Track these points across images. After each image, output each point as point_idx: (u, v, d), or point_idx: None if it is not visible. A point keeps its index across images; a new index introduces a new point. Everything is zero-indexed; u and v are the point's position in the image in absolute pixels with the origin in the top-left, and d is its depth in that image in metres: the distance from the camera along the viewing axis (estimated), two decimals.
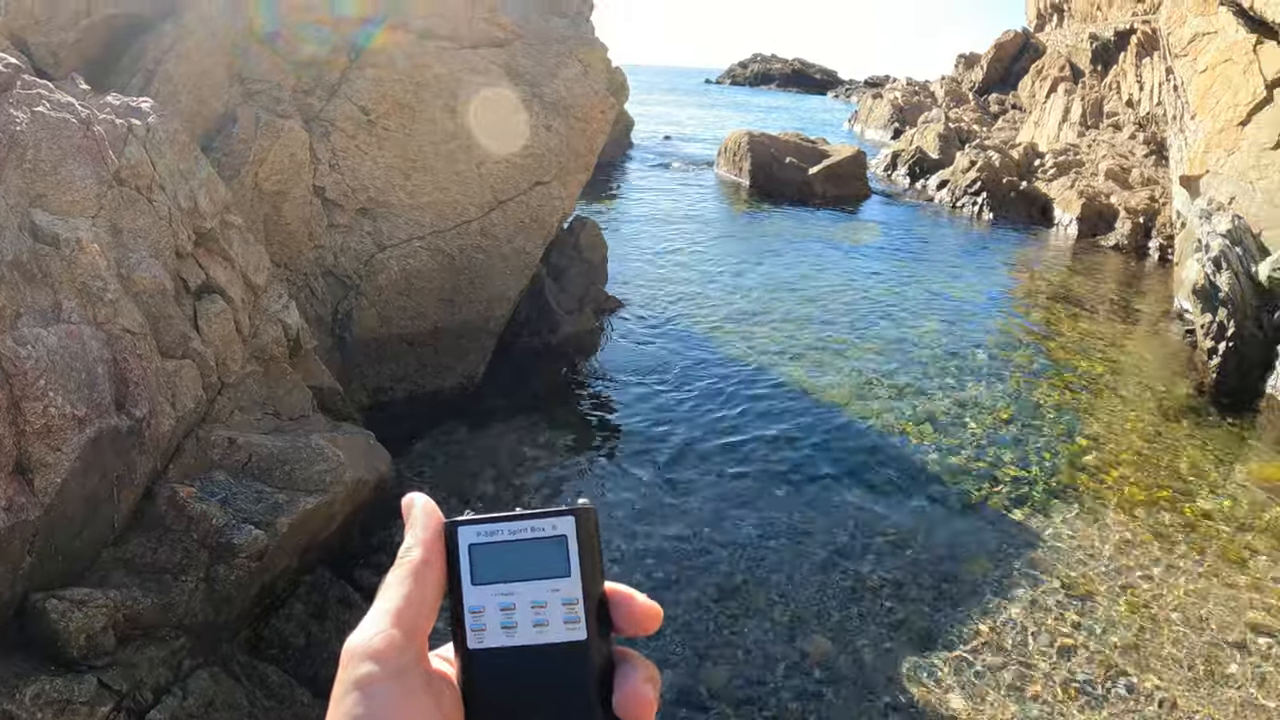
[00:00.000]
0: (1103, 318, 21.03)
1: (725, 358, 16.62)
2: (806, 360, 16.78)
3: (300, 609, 8.12)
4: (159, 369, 7.66)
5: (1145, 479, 12.90)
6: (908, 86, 74.49)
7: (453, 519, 1.20)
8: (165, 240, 8.37)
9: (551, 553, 1.17)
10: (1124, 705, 8.55)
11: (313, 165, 11.97)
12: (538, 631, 1.14)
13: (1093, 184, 32.77)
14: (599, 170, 22.02)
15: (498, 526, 1.18)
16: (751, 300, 20.44)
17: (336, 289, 12.33)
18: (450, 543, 1.18)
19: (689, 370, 15.88)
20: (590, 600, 1.15)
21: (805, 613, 9.62)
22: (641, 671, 1.14)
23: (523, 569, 1.17)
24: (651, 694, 1.13)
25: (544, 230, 14.21)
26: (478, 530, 1.18)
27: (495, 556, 1.17)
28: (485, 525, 1.18)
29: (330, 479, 8.28)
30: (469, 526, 1.18)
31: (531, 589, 1.16)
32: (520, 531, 1.18)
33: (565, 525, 1.18)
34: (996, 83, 67.22)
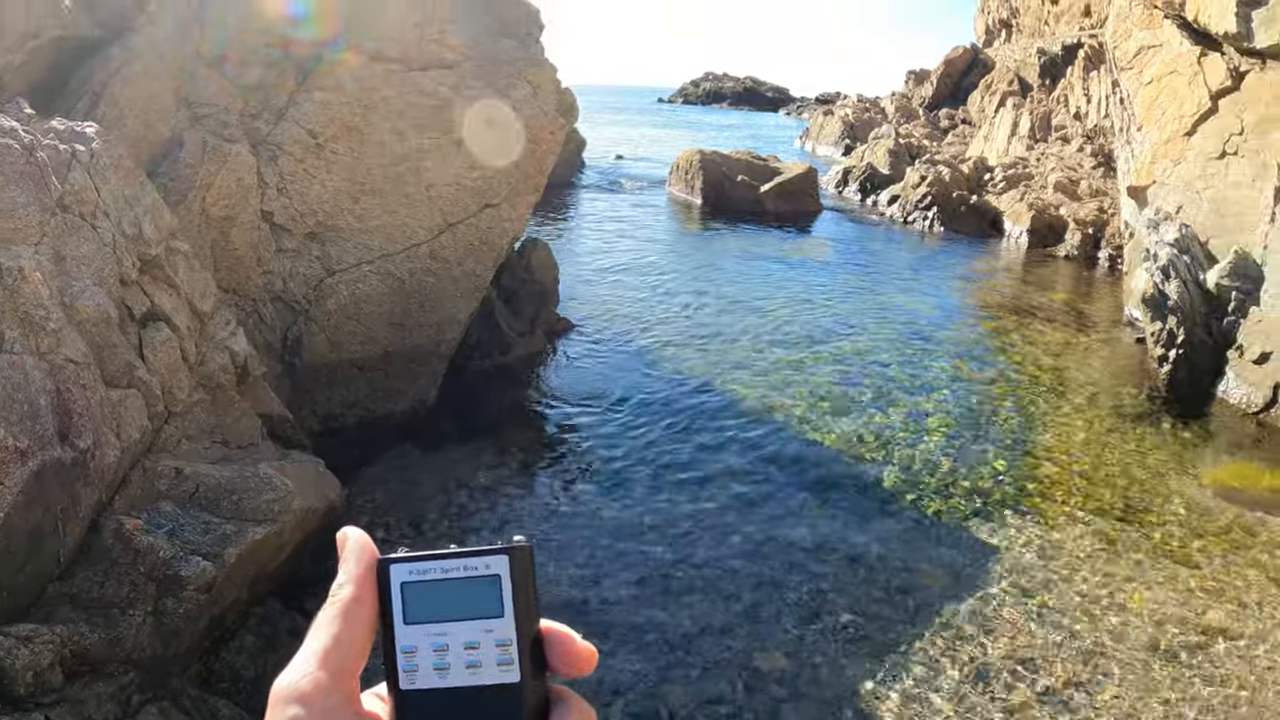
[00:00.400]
0: (1055, 327, 21.19)
1: (677, 377, 16.61)
2: (759, 378, 16.79)
3: (251, 641, 8.03)
4: (104, 399, 7.56)
5: (1099, 487, 12.98)
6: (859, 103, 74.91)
7: (386, 556, 1.16)
8: (109, 268, 8.28)
9: (485, 592, 1.14)
10: (1084, 713, 8.57)
11: (260, 190, 11.89)
12: (471, 673, 1.11)
13: (1042, 196, 33.07)
14: (551, 191, 22.02)
15: (430, 565, 1.15)
16: (704, 318, 20.44)
17: (285, 314, 12.23)
18: (382, 581, 1.14)
19: (641, 390, 15.86)
20: (524, 641, 1.13)
21: (763, 630, 9.60)
22: (577, 712, 1.12)
23: (456, 609, 1.14)
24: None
25: (494, 252, 14.16)
26: (410, 568, 1.14)
27: (428, 595, 1.14)
28: (418, 563, 1.15)
29: (278, 508, 8.20)
30: (401, 564, 1.15)
31: (464, 629, 1.13)
32: (453, 570, 1.14)
33: (499, 564, 1.14)
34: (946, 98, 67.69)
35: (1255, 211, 17.14)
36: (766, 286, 23.92)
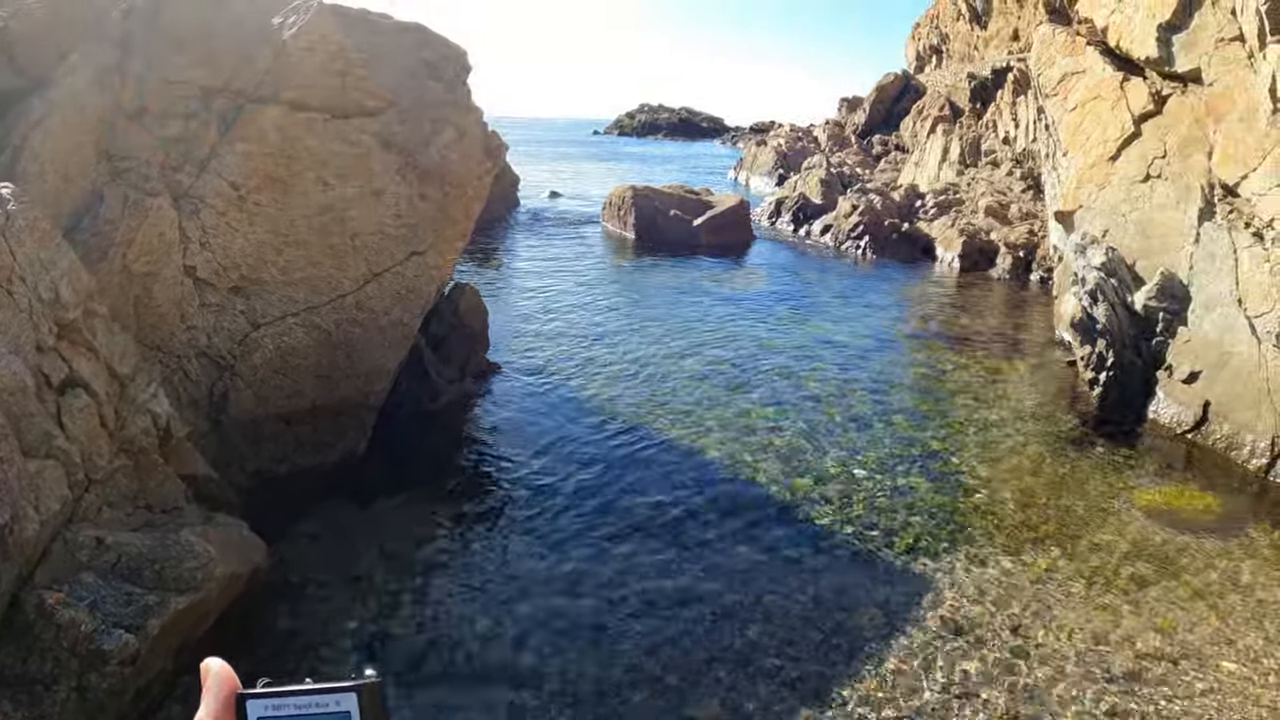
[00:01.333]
0: (987, 353, 21.43)
1: (609, 419, 16.58)
2: (690, 417, 16.79)
3: (178, 711, 7.92)
4: (21, 470, 7.45)
5: (1034, 513, 13.09)
6: (791, 133, 75.41)
7: (243, 691, 1.21)
8: (25, 334, 8.17)
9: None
10: None
11: (183, 244, 11.78)
12: None
13: (973, 221, 33.48)
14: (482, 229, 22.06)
15: (285, 700, 1.19)
16: (635, 356, 20.46)
17: (211, 370, 12.12)
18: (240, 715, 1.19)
19: (572, 434, 15.82)
20: None
21: (695, 677, 9.56)
22: None
23: None
24: None
25: (421, 300, 14.11)
26: (265, 704, 1.18)
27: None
28: (273, 699, 1.19)
29: (201, 576, 8.12)
30: (258, 700, 1.19)
31: None
32: (306, 707, 1.18)
33: (349, 702, 1.18)
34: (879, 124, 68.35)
35: (1180, 233, 17.40)
36: (698, 321, 24.00)
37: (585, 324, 23.28)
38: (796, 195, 42.26)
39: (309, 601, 10.42)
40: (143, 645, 7.24)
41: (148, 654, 7.36)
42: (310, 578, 10.92)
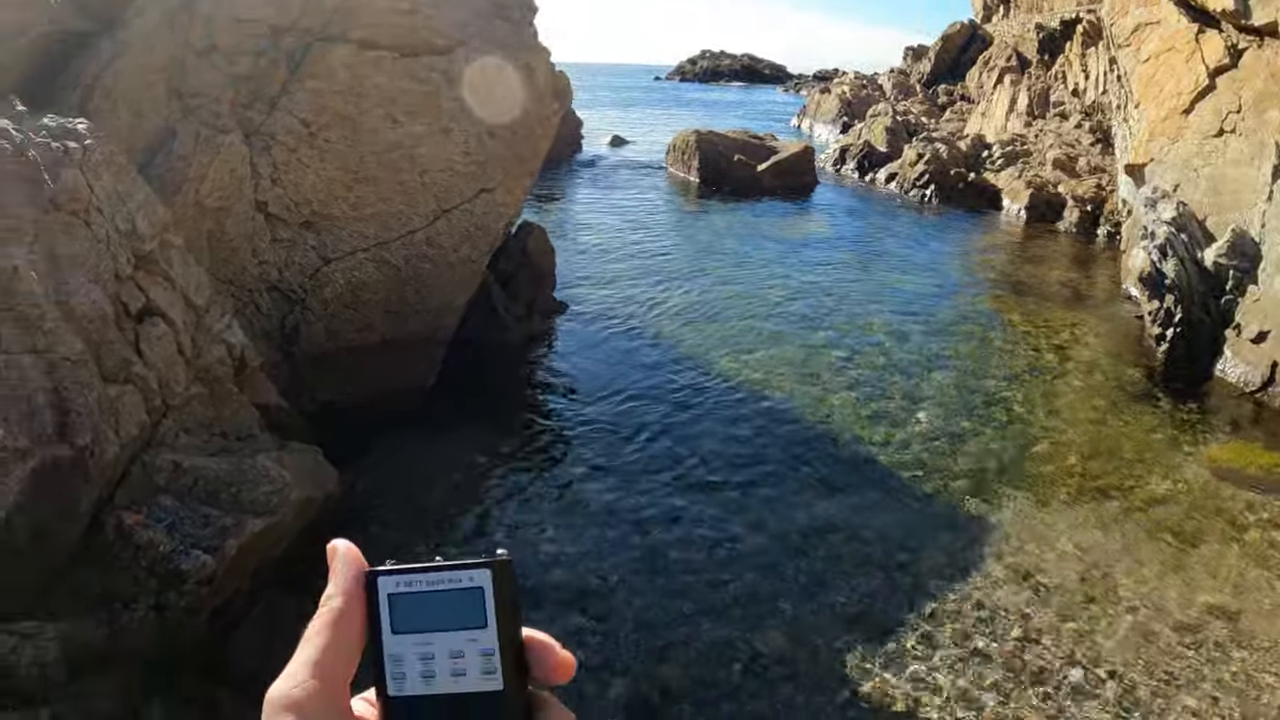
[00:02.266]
0: (1053, 304, 21.15)
1: (675, 358, 16.61)
2: (755, 358, 16.78)
3: (254, 631, 8.05)
4: (101, 395, 7.58)
5: (1097, 465, 12.98)
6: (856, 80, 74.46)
7: (373, 569, 1.18)
8: (104, 264, 8.28)
9: (468, 604, 1.16)
10: (1081, 691, 8.59)
11: (254, 180, 11.87)
12: (455, 681, 1.14)
13: (1040, 173, 32.96)
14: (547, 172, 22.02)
15: (416, 577, 1.17)
16: (700, 298, 20.43)
17: (282, 304, 12.24)
18: (371, 592, 1.17)
19: (638, 372, 15.88)
20: (507, 650, 1.15)
21: (760, 610, 9.62)
22: (560, 716, 1.14)
23: (441, 619, 1.16)
24: None
25: (489, 237, 14.15)
26: (397, 580, 1.17)
27: (414, 606, 1.17)
28: (404, 575, 1.17)
29: (277, 500, 8.23)
30: (389, 576, 1.17)
31: (449, 639, 1.15)
32: (438, 583, 1.17)
33: (481, 578, 1.17)
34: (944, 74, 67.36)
35: (1253, 190, 17.03)
36: (763, 265, 23.87)
37: (650, 265, 23.25)
38: (861, 143, 41.83)
39: (377, 529, 10.54)
40: (219, 566, 7.36)
41: (224, 575, 7.48)
42: (378, 506, 11.04)
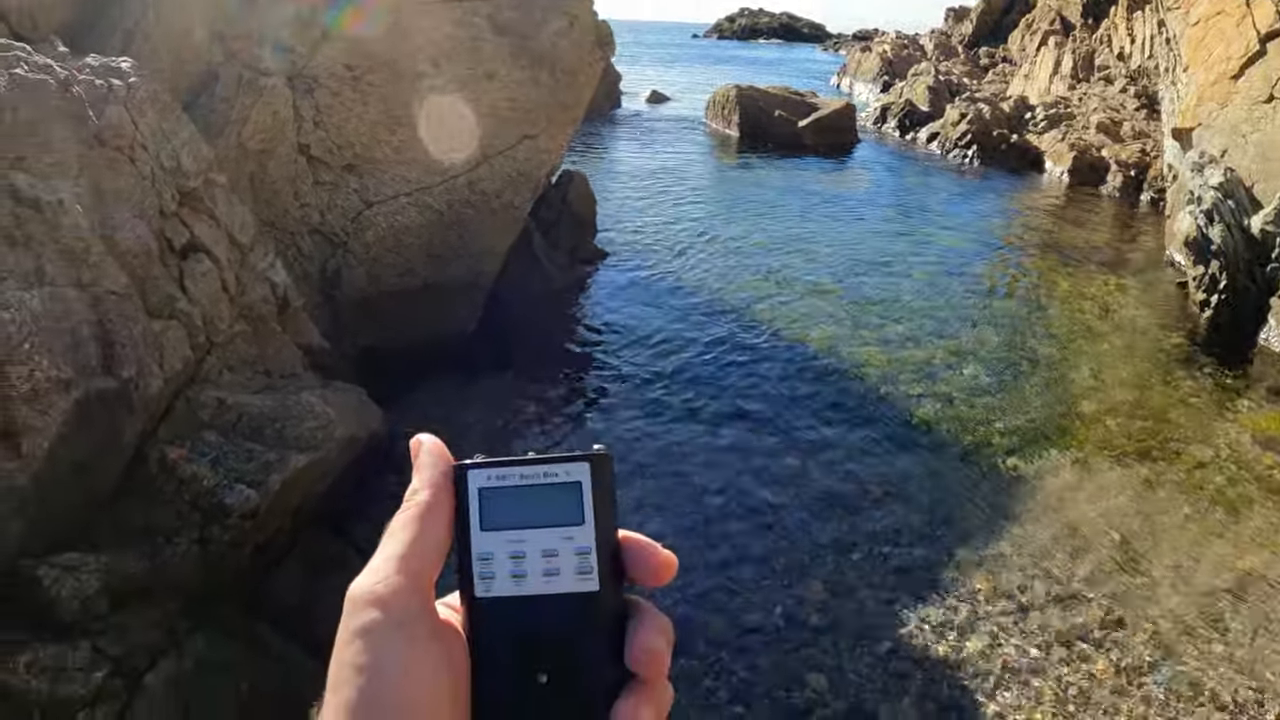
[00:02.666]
0: (1095, 267, 20.90)
1: (715, 308, 16.54)
2: (797, 310, 16.70)
3: (295, 568, 8.07)
4: (146, 330, 7.57)
5: (1139, 428, 12.86)
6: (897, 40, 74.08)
7: (462, 461, 1.12)
8: (149, 200, 8.27)
9: (565, 499, 1.10)
10: (1119, 653, 8.54)
11: (297, 123, 11.84)
12: (548, 581, 1.08)
13: (1084, 136, 32.63)
14: (586, 125, 21.90)
15: (510, 470, 1.11)
16: (741, 251, 20.32)
17: (324, 247, 12.22)
18: (459, 486, 1.11)
19: (679, 321, 15.82)
20: (604, 550, 1.09)
21: (802, 559, 9.60)
22: (654, 623, 1.08)
23: (535, 515, 1.10)
24: (664, 647, 1.07)
25: (532, 183, 14.10)
26: (488, 474, 1.11)
27: (506, 502, 1.11)
28: (496, 469, 1.11)
29: (322, 436, 8.22)
30: (479, 470, 1.11)
31: (543, 537, 1.09)
32: (533, 477, 1.11)
33: (580, 471, 1.11)
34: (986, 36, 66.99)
35: None
36: (805, 219, 23.73)
37: (690, 217, 23.12)
38: (903, 101, 41.56)
39: None
40: (263, 501, 7.36)
41: (268, 510, 7.47)
42: None
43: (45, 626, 6.01)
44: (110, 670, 5.98)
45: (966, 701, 7.98)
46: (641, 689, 1.05)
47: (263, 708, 6.79)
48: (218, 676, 6.62)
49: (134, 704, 6.01)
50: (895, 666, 8.33)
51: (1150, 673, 8.35)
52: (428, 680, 1.01)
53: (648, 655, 1.05)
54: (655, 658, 1.05)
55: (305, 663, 7.34)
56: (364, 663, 0.98)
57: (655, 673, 1.06)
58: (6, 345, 6.11)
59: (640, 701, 1.04)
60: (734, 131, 35.44)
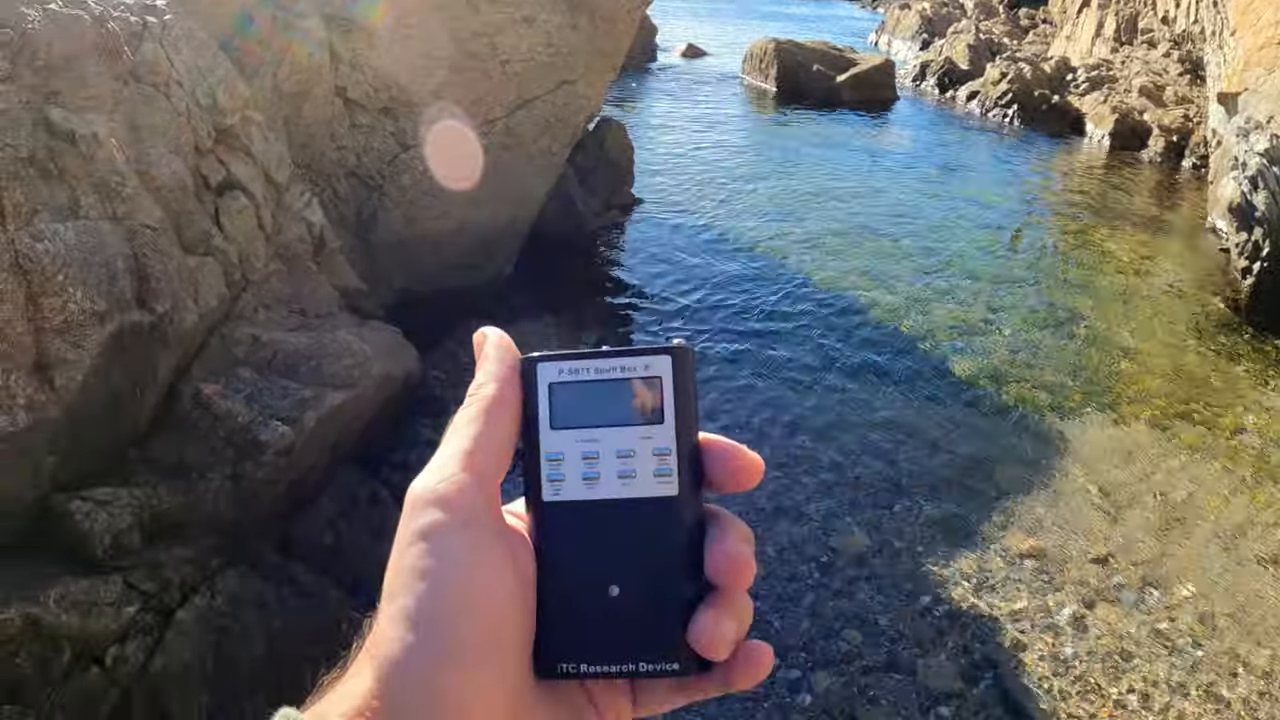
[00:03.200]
0: (1136, 231, 20.60)
1: (751, 259, 16.43)
2: (834, 262, 16.57)
3: (329, 507, 8.04)
4: (181, 265, 7.53)
5: (1179, 391, 12.73)
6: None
7: (532, 355, 1.05)
8: (184, 136, 8.22)
9: (644, 396, 1.02)
10: (1156, 614, 8.51)
11: (333, 65, 11.74)
12: (623, 484, 1.00)
13: (1126, 100, 32.25)
14: (622, 77, 21.76)
15: (583, 364, 1.03)
16: (776, 202, 20.13)
17: (360, 190, 12.15)
18: (528, 381, 1.03)
19: (714, 270, 15.72)
20: (685, 451, 1.00)
21: (839, 510, 9.57)
22: (736, 531, 1.00)
23: (610, 413, 1.02)
24: (748, 555, 0.98)
25: (570, 130, 14.01)
26: (560, 367, 1.03)
27: (579, 398, 1.02)
28: (569, 362, 1.03)
29: (358, 374, 8.19)
30: (550, 363, 1.03)
31: (619, 436, 1.01)
32: (609, 371, 1.03)
33: (661, 365, 1.02)
34: None
35: None
36: (840, 173, 23.48)
37: (727, 168, 22.86)
38: (943, 59, 41.15)
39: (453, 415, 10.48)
40: (298, 437, 7.32)
41: (302, 447, 7.43)
42: (454, 394, 10.98)
43: (77, 561, 6.00)
44: (141, 605, 5.98)
45: (1002, 658, 7.95)
46: (722, 600, 0.97)
47: (294, 644, 6.77)
48: (250, 613, 6.61)
49: (165, 639, 6.02)
50: (932, 620, 8.30)
51: (1186, 636, 8.29)
52: (494, 585, 0.93)
53: (730, 564, 0.97)
54: (738, 566, 0.97)
55: (339, 601, 7.32)
56: (427, 566, 0.91)
57: (737, 583, 0.98)
58: (40, 277, 6.07)
59: (721, 614, 0.96)
60: (771, 86, 35.13)
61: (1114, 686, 7.73)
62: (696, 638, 0.95)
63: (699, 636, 0.95)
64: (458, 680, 0.87)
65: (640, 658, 0.98)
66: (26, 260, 6.00)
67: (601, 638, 0.98)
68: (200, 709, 6.02)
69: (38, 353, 6.07)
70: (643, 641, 0.98)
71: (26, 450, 5.90)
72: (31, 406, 5.88)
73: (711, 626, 0.95)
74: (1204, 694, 7.71)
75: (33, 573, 5.74)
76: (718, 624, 0.95)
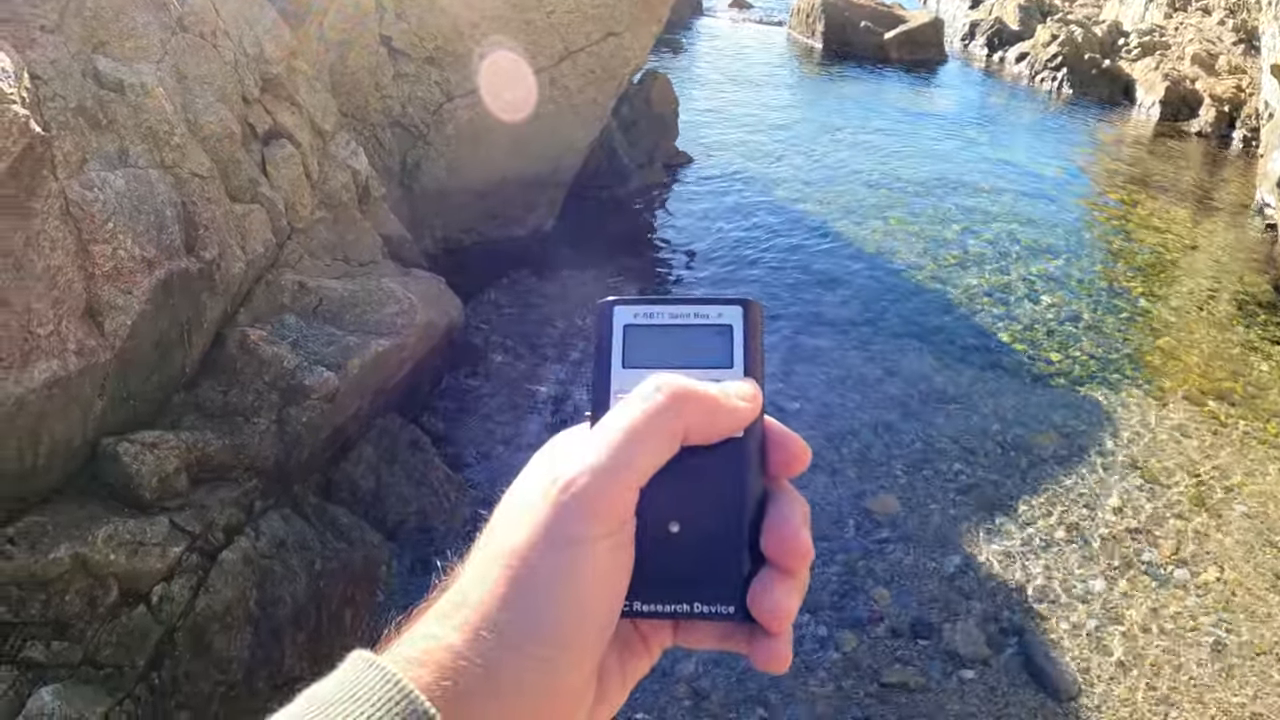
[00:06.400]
0: (1180, 204, 20.32)
1: (794, 217, 16.36)
2: (878, 224, 16.47)
3: (370, 452, 8.14)
4: (228, 212, 7.62)
5: (1217, 369, 12.62)
6: None
7: (608, 298, 1.09)
8: (231, 86, 8.30)
9: (715, 342, 1.07)
10: (1186, 591, 8.51)
11: (379, 13, 11.78)
12: None
13: (1178, 67, 31.78)
14: (668, 32, 21.66)
15: (658, 309, 1.09)
16: (822, 161, 20.00)
17: (404, 139, 12.20)
18: (603, 322, 1.08)
19: (757, 227, 15.68)
20: None
21: (875, 472, 9.60)
22: (796, 506, 1.02)
23: (682, 356, 1.05)
24: (805, 532, 1.00)
25: (615, 81, 13.98)
26: (635, 310, 1.08)
27: (652, 340, 1.07)
28: (644, 305, 1.09)
29: (402, 321, 8.26)
30: (626, 305, 1.09)
31: (688, 377, 1.01)
32: (682, 316, 1.08)
33: (732, 315, 1.07)
34: None
35: None
36: (887, 134, 23.24)
37: (771, 125, 22.66)
38: (993, 19, 40.65)
39: (497, 365, 10.62)
40: (342, 383, 7.41)
41: (346, 393, 7.53)
42: (497, 343, 11.10)
43: (125, 502, 6.12)
44: (187, 546, 6.09)
45: (1029, 626, 7.98)
46: (782, 574, 0.99)
47: (335, 587, 6.89)
48: (292, 555, 6.71)
49: (210, 579, 6.12)
50: (960, 585, 8.34)
51: (1213, 613, 8.31)
52: (617, 593, 0.95)
53: (789, 539, 0.99)
54: (796, 542, 0.99)
55: (379, 545, 7.44)
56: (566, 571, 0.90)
57: (796, 561, 0.99)
58: (91, 225, 6.16)
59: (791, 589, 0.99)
60: (818, 42, 34.82)
61: (1137, 662, 7.77)
62: (763, 607, 0.97)
63: (766, 606, 0.96)
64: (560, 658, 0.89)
65: (697, 598, 0.99)
66: (77, 208, 6.09)
67: (663, 576, 0.99)
68: (243, 647, 6.15)
69: (88, 299, 6.16)
70: (701, 582, 1.00)
71: (77, 395, 6.01)
72: (82, 351, 5.98)
73: (780, 600, 0.97)
74: (1226, 674, 7.74)
75: (82, 514, 5.86)
76: (787, 597, 0.97)
